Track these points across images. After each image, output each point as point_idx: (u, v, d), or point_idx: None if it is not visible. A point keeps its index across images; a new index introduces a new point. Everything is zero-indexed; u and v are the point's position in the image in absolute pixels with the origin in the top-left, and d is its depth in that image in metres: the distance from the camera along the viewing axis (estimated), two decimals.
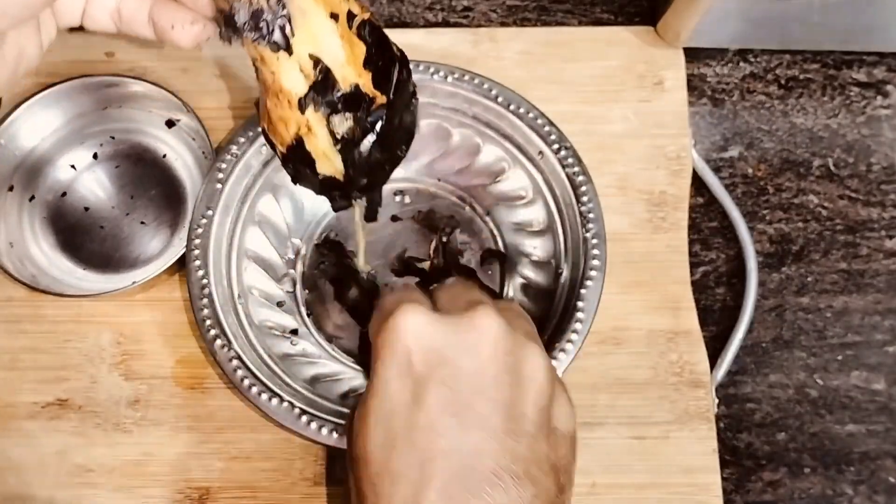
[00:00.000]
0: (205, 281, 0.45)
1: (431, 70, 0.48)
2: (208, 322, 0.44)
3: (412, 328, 0.34)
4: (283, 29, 0.35)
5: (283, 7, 0.35)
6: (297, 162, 0.39)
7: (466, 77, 0.48)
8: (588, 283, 0.44)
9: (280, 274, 0.49)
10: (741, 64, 0.56)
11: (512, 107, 0.48)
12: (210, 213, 0.46)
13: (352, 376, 0.46)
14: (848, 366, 0.50)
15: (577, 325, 0.44)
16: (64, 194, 0.51)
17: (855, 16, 0.51)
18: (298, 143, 0.38)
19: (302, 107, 0.37)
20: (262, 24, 0.35)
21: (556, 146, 0.47)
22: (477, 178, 0.50)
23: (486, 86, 0.48)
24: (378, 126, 0.38)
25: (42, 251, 0.50)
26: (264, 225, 0.49)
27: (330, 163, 0.39)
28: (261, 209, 0.49)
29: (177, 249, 0.47)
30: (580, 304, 0.44)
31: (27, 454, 0.46)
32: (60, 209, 0.51)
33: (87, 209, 0.51)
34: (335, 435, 0.41)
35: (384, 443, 0.33)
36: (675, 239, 0.50)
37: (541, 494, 0.32)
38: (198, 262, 0.45)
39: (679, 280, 0.50)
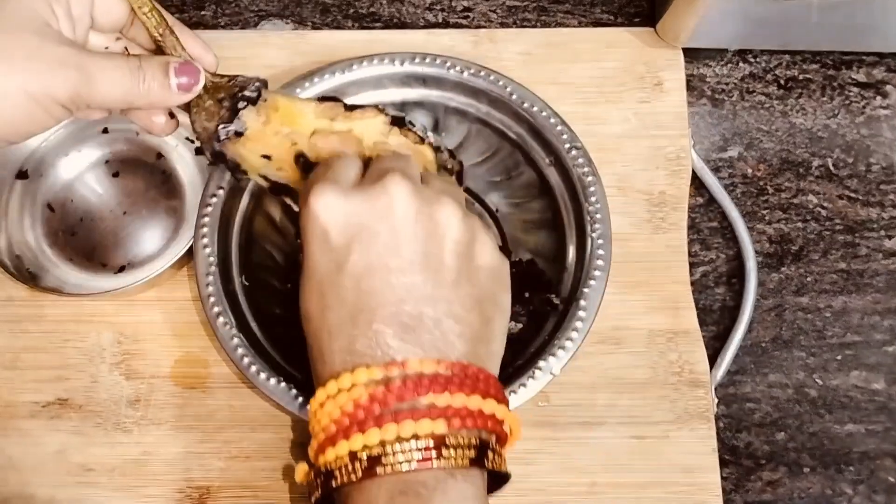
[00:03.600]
0: (212, 259, 0.45)
1: (448, 64, 0.48)
2: (212, 299, 0.44)
3: (324, 207, 0.36)
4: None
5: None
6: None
7: (482, 73, 0.48)
8: (591, 282, 0.44)
9: (286, 257, 0.49)
10: (741, 64, 0.56)
11: (525, 104, 0.48)
12: (220, 192, 0.46)
13: None
14: (847, 365, 0.50)
15: (578, 324, 0.44)
16: (64, 194, 0.51)
17: (854, 16, 0.51)
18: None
19: None
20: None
21: (567, 146, 0.47)
22: (487, 174, 0.50)
23: (501, 82, 0.48)
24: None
25: (42, 251, 0.50)
26: (273, 207, 0.49)
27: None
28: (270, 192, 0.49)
29: (176, 249, 0.47)
30: (582, 302, 0.44)
31: (27, 453, 0.46)
32: (61, 209, 0.51)
33: (87, 209, 0.51)
34: None
35: (318, 304, 0.36)
36: (675, 239, 0.50)
37: (465, 330, 0.36)
38: (206, 241, 0.45)
39: (678, 280, 0.50)
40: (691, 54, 0.55)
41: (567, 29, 0.56)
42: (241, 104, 0.41)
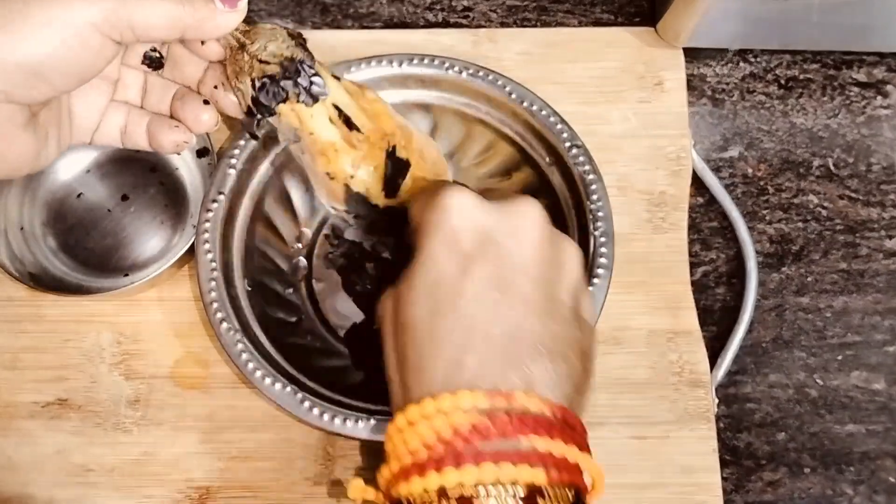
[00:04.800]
0: (213, 264, 0.45)
1: (447, 65, 0.48)
2: (215, 305, 0.44)
3: (460, 207, 0.35)
4: (315, 82, 0.39)
5: (309, 63, 0.39)
6: (354, 202, 0.43)
7: (481, 73, 0.48)
8: (595, 280, 0.44)
9: (288, 262, 0.49)
10: (741, 64, 0.56)
11: (525, 104, 0.48)
12: (221, 196, 0.46)
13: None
14: (848, 366, 0.50)
15: None
16: (65, 194, 0.51)
17: (854, 16, 0.51)
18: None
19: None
20: (299, 83, 0.39)
21: (567, 144, 0.47)
22: (488, 173, 0.50)
23: (500, 82, 0.48)
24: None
25: (43, 251, 0.50)
26: (274, 212, 0.49)
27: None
28: (272, 197, 0.49)
29: (177, 249, 0.47)
30: None
31: (27, 453, 0.46)
32: (61, 209, 0.51)
33: (87, 209, 0.51)
34: (336, 421, 0.41)
35: (430, 309, 0.34)
36: (675, 239, 0.50)
37: (572, 374, 0.34)
38: (207, 246, 0.45)
39: (679, 280, 0.50)
40: (692, 54, 0.55)
41: (567, 28, 0.56)
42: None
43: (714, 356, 0.49)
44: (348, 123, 0.41)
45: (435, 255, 0.34)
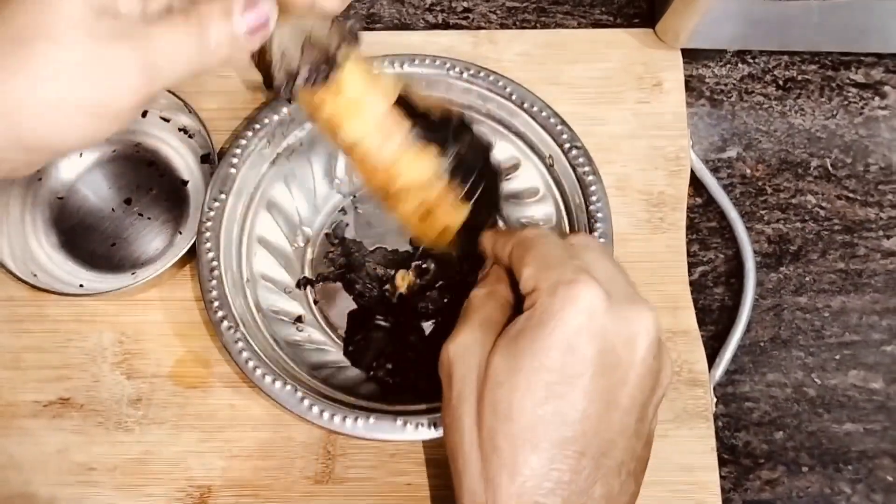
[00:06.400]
0: (214, 263, 0.45)
1: (447, 66, 0.49)
2: (216, 304, 0.44)
3: (590, 306, 0.33)
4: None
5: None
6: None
7: (482, 74, 0.49)
8: None
9: (289, 261, 0.49)
10: (739, 65, 0.56)
11: (525, 105, 0.48)
12: (223, 196, 0.47)
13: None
14: (846, 365, 0.50)
15: None
16: (66, 195, 0.51)
17: (853, 17, 0.51)
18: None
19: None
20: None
21: (567, 145, 0.47)
22: None
23: (500, 83, 0.49)
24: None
25: (44, 251, 0.50)
26: (275, 212, 0.49)
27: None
28: (273, 196, 0.49)
29: (178, 249, 0.47)
30: None
31: (29, 452, 0.46)
32: (63, 209, 0.51)
33: (89, 209, 0.51)
34: (336, 419, 0.42)
35: (534, 408, 0.33)
36: (674, 239, 0.51)
37: (636, 493, 0.35)
38: (208, 245, 0.46)
39: (677, 280, 0.50)
40: (690, 55, 0.55)
41: (566, 30, 0.56)
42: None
43: (712, 355, 0.49)
44: None
45: (553, 351, 0.33)
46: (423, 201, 0.39)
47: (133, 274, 0.49)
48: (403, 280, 0.48)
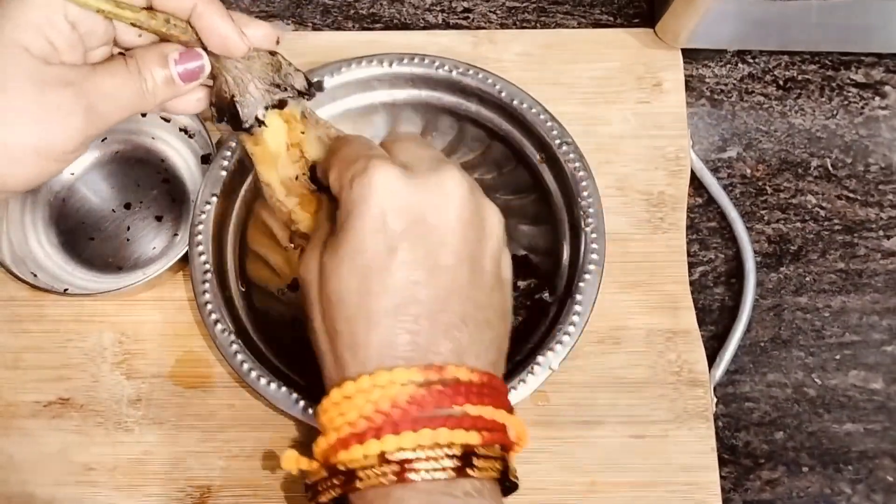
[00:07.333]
0: (207, 266, 0.45)
1: (437, 64, 0.49)
2: (210, 306, 0.44)
3: (385, 186, 0.35)
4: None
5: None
6: None
7: (471, 71, 0.49)
8: (586, 276, 0.45)
9: (282, 261, 0.49)
10: (739, 65, 0.56)
11: (515, 102, 0.48)
12: (214, 198, 0.46)
13: None
14: (846, 365, 0.50)
15: (575, 318, 0.44)
16: (66, 195, 0.51)
17: (853, 17, 0.51)
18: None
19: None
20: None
21: (557, 142, 0.47)
22: (480, 171, 0.51)
23: (490, 80, 0.48)
24: None
25: (44, 251, 0.50)
26: (267, 212, 0.49)
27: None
28: (264, 197, 0.49)
29: (178, 249, 0.47)
30: (578, 297, 0.44)
31: (29, 453, 0.46)
32: (62, 209, 0.51)
33: (88, 209, 0.51)
34: None
35: (359, 289, 0.35)
36: (674, 239, 0.51)
37: (495, 338, 0.37)
38: (200, 248, 0.45)
39: (678, 280, 0.50)
40: (690, 55, 0.55)
41: (566, 30, 0.56)
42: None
43: (712, 356, 0.49)
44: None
45: (362, 235, 0.35)
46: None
47: (133, 274, 0.49)
48: None
